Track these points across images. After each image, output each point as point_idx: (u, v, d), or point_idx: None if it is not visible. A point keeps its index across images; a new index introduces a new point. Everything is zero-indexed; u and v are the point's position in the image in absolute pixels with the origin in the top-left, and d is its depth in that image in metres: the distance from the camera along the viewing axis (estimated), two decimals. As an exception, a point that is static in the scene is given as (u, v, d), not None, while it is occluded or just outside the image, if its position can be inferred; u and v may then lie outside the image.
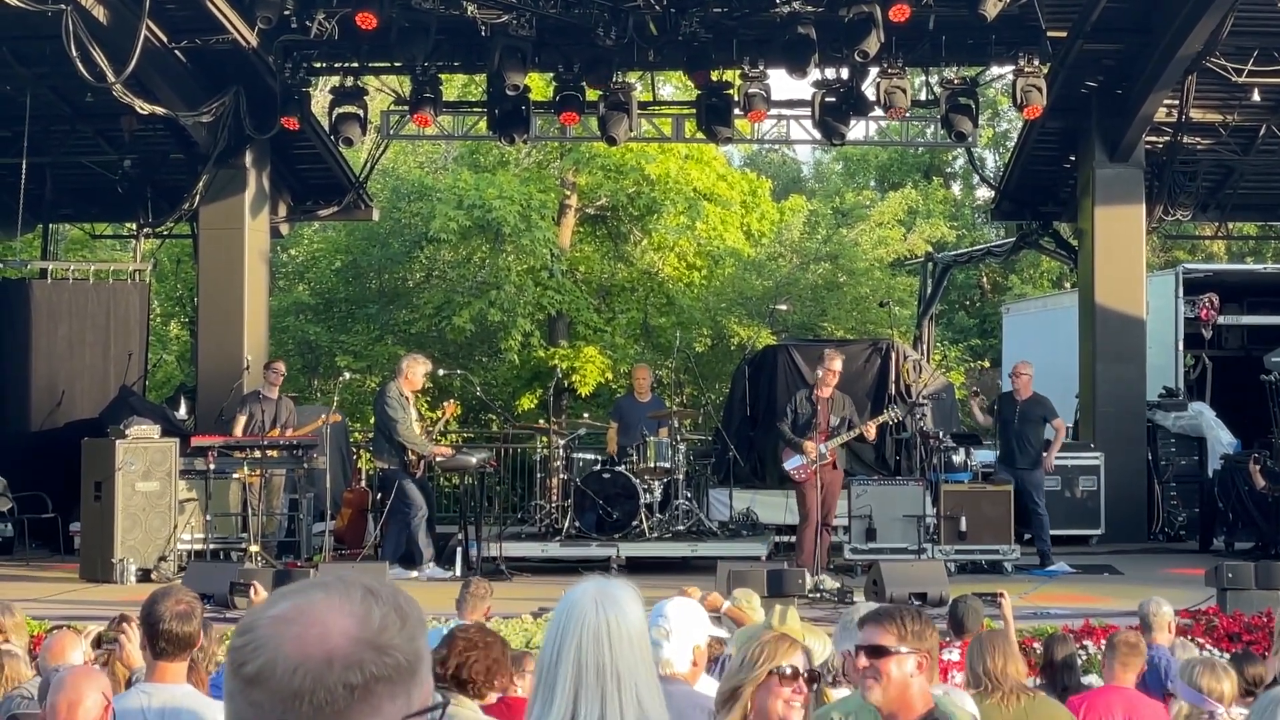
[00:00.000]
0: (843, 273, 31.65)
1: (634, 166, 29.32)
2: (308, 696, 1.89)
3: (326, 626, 1.93)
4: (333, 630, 1.92)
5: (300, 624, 1.93)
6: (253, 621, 1.96)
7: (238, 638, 1.96)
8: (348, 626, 1.93)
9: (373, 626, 1.94)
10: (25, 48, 18.25)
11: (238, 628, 1.99)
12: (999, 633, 6.53)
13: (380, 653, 1.93)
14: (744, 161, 40.70)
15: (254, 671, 1.91)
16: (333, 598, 1.96)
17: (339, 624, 1.93)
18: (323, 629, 1.92)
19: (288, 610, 1.95)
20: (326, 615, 1.94)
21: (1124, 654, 7.31)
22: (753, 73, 17.52)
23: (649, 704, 3.51)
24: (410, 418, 15.32)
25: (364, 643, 1.93)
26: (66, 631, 7.93)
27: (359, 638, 1.93)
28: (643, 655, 3.54)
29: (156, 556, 14.86)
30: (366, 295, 30.74)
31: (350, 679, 1.90)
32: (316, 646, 1.91)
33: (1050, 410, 16.71)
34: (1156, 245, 31.45)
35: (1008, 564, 15.54)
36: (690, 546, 16.10)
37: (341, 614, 1.94)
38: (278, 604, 1.98)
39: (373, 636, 1.94)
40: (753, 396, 19.67)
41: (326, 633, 1.92)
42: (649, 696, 3.51)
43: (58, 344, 19.41)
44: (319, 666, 1.90)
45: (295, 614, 1.94)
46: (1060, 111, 19.20)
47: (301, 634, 1.92)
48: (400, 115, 19.41)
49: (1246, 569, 12.05)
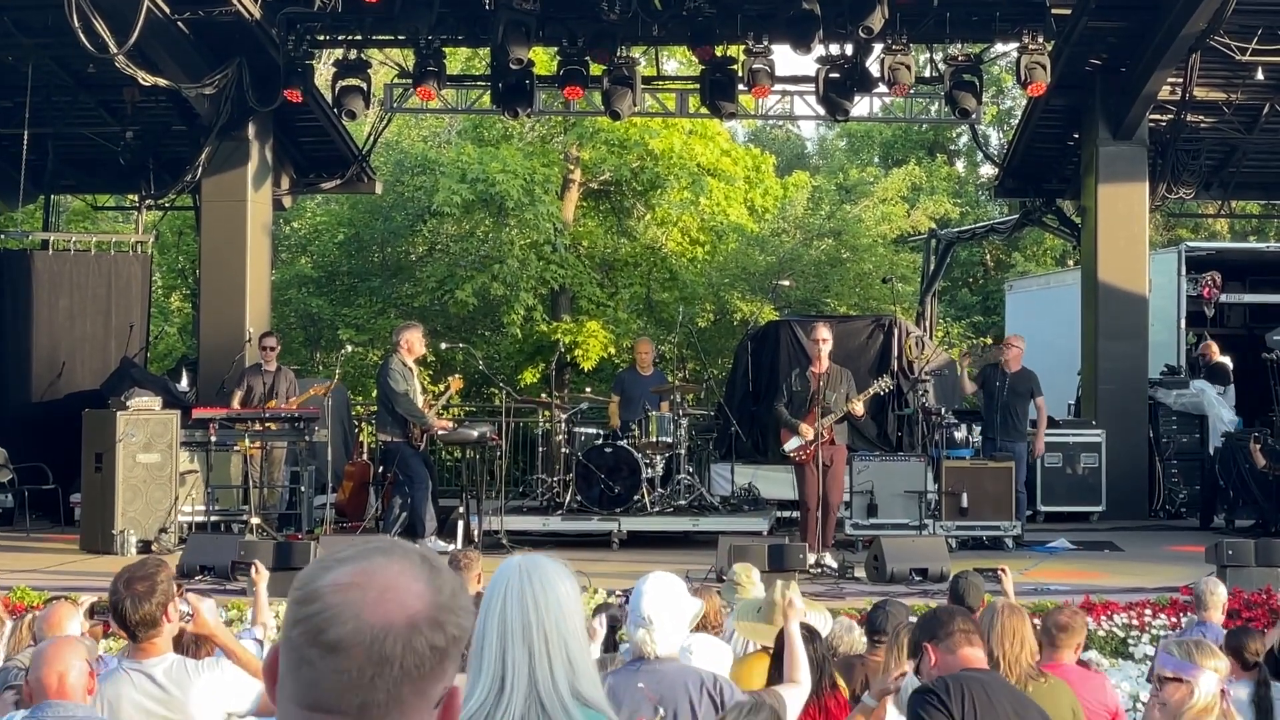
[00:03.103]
0: (846, 249, 31.66)
1: (638, 141, 29.26)
2: (398, 660, 1.95)
3: (403, 591, 1.98)
4: (410, 595, 1.98)
5: (374, 589, 1.97)
6: (316, 588, 1.99)
7: (304, 606, 1.98)
8: (422, 591, 1.99)
9: (445, 591, 2.02)
10: (27, 17, 18.20)
11: (299, 595, 2.00)
12: (1017, 613, 6.51)
13: (456, 615, 2.01)
14: (748, 137, 40.67)
15: (336, 638, 1.94)
16: (396, 562, 2.01)
17: (414, 589, 1.99)
18: (400, 594, 1.98)
19: (354, 575, 1.99)
20: (399, 580, 1.99)
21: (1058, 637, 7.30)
22: (757, 48, 17.48)
23: (579, 661, 3.48)
24: (414, 389, 15.31)
25: (442, 607, 2.00)
26: (62, 602, 7.94)
27: (435, 602, 1.99)
28: (572, 620, 3.51)
29: (157, 528, 14.87)
30: (369, 269, 30.74)
31: (436, 641, 1.97)
32: (399, 612, 1.96)
33: (1037, 385, 16.64)
34: (1159, 223, 31.44)
35: (1009, 540, 15.54)
36: (692, 521, 16.10)
37: (414, 579, 2.00)
38: (335, 569, 2.00)
39: (447, 600, 2.01)
40: (755, 371, 19.67)
41: (405, 598, 1.97)
42: (579, 654, 3.49)
43: (59, 315, 19.39)
44: (406, 631, 1.95)
45: (364, 579, 1.98)
46: (1064, 89, 19.14)
47: (380, 599, 1.96)
48: (404, 89, 19.38)
49: (1247, 546, 12.07)
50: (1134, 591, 11.87)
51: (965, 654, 5.55)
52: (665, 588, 5.65)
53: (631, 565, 13.13)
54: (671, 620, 5.61)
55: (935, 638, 5.61)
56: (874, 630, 7.98)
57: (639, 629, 5.60)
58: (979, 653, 5.62)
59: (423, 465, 15.30)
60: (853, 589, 12.42)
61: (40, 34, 18.39)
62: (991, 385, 16.53)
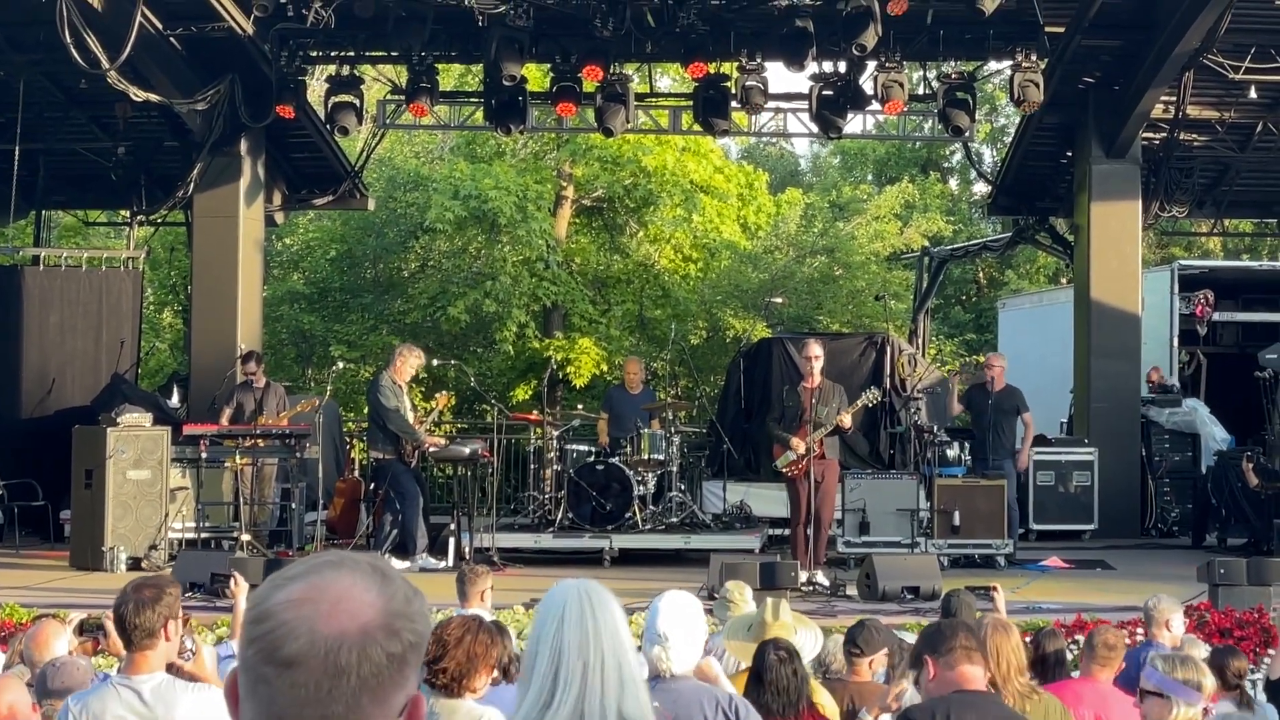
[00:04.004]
0: (839, 266, 31.66)
1: (631, 158, 29.28)
2: (354, 671, 1.92)
3: (354, 601, 1.96)
4: (362, 605, 1.96)
5: (326, 602, 1.95)
6: (267, 607, 1.97)
7: (257, 625, 1.97)
8: (374, 600, 1.97)
9: (398, 598, 1.99)
10: (19, 33, 18.18)
11: (251, 615, 1.99)
12: (1003, 630, 6.48)
13: (410, 620, 1.99)
14: (741, 154, 40.68)
15: (291, 654, 1.92)
16: (346, 574, 1.99)
17: (365, 598, 1.97)
18: (352, 604, 1.95)
19: (305, 590, 1.97)
20: (351, 591, 1.97)
21: (1102, 654, 7.38)
22: (750, 65, 17.48)
23: (629, 681, 3.60)
24: (404, 407, 15.31)
25: (394, 614, 1.97)
26: (50, 620, 7.88)
27: (389, 610, 1.97)
28: (625, 641, 3.64)
29: (147, 545, 14.82)
30: (361, 285, 30.70)
31: (392, 649, 1.95)
32: (352, 622, 1.94)
33: (1022, 402, 16.66)
34: (1152, 241, 31.46)
35: (1001, 558, 15.52)
36: (683, 539, 16.07)
37: (365, 589, 1.98)
38: (286, 586, 1.99)
39: (401, 607, 1.99)
40: (747, 389, 19.64)
41: (357, 608, 1.95)
42: (630, 674, 3.61)
43: (50, 331, 19.34)
44: (360, 640, 1.93)
45: (315, 593, 1.96)
46: (1057, 107, 19.17)
47: (332, 611, 1.94)
48: (396, 105, 19.37)
49: (1239, 565, 12.04)
50: (1126, 610, 11.82)
51: (964, 671, 5.48)
52: (681, 605, 5.64)
53: (623, 583, 13.05)
54: (687, 638, 5.60)
55: (936, 651, 5.55)
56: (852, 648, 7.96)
57: (654, 646, 5.58)
58: (978, 671, 5.54)
59: (414, 482, 15.28)
60: (844, 607, 12.38)
61: (32, 50, 18.37)
62: (978, 405, 16.57)
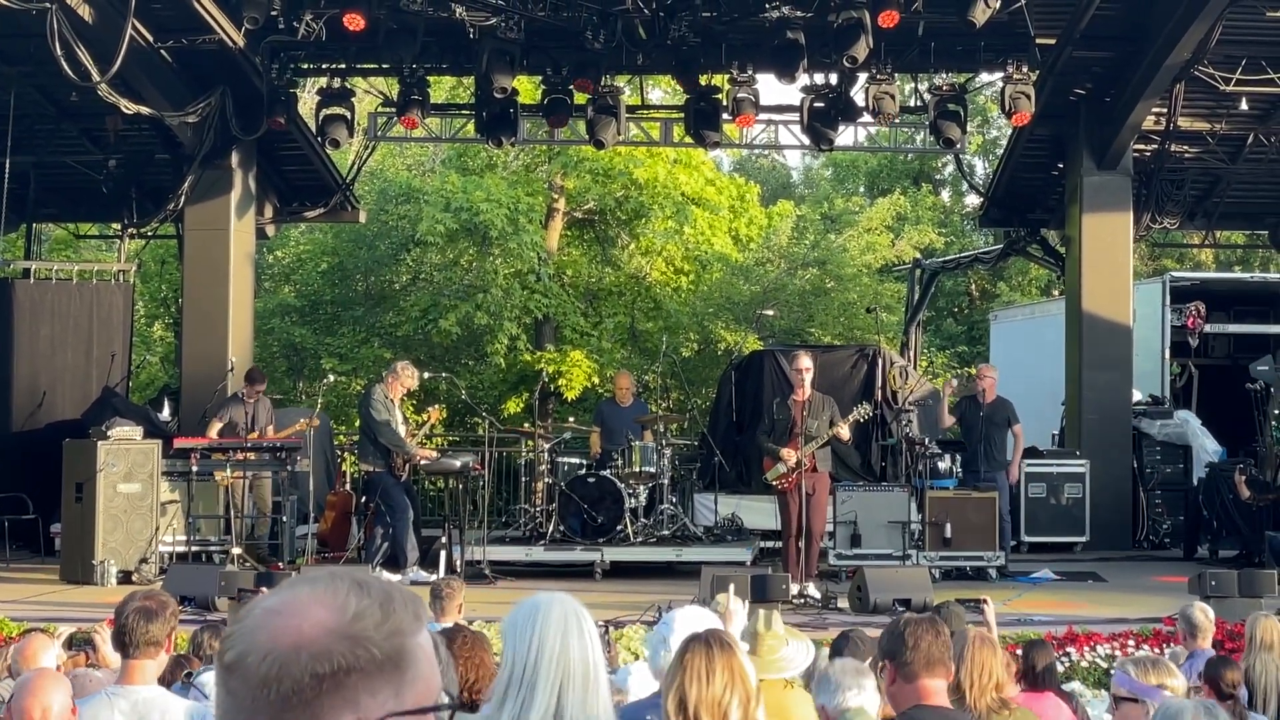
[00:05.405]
0: (830, 278, 31.65)
1: (622, 170, 29.25)
2: (275, 684, 1.89)
3: (303, 617, 1.93)
4: (308, 620, 1.92)
5: (283, 615, 1.94)
6: (245, 614, 1.98)
7: (227, 629, 2.00)
8: (323, 617, 1.93)
9: (347, 617, 1.93)
10: (9, 46, 18.17)
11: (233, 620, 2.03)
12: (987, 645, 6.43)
13: (353, 643, 1.92)
14: (733, 166, 40.70)
15: (231, 660, 1.92)
16: (317, 590, 1.97)
17: (315, 614, 1.93)
18: (299, 619, 1.92)
19: (276, 603, 1.97)
20: (307, 606, 1.94)
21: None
22: (741, 77, 17.50)
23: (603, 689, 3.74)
24: (395, 420, 15.29)
25: (336, 633, 1.92)
26: (38, 634, 7.85)
27: (332, 629, 1.92)
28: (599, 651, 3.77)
29: (138, 558, 14.78)
30: (352, 297, 30.67)
31: (318, 669, 1.89)
32: (287, 636, 1.91)
33: (1014, 414, 16.67)
34: (1144, 253, 31.52)
35: (992, 570, 15.51)
36: (675, 551, 16.05)
37: (321, 605, 1.94)
38: (270, 598, 2.00)
39: (345, 627, 1.93)
40: (739, 401, 19.64)
41: (301, 623, 1.92)
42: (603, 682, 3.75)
43: (40, 344, 19.28)
44: (287, 654, 1.89)
45: (281, 606, 1.96)
46: (1049, 119, 19.19)
47: (280, 624, 1.93)
48: (387, 117, 19.37)
49: (1230, 577, 12.05)
50: (1117, 622, 11.85)
51: (923, 685, 5.15)
52: (695, 621, 5.62)
53: (615, 596, 13.08)
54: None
55: (895, 659, 5.22)
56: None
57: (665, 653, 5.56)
58: (939, 684, 5.20)
59: (404, 495, 15.26)
60: (836, 619, 12.35)
61: (22, 62, 18.36)
62: (970, 417, 16.58)
